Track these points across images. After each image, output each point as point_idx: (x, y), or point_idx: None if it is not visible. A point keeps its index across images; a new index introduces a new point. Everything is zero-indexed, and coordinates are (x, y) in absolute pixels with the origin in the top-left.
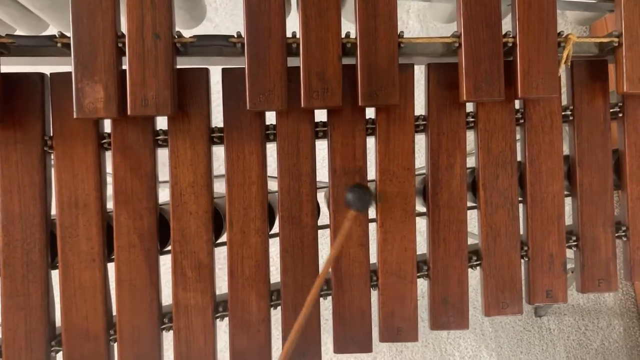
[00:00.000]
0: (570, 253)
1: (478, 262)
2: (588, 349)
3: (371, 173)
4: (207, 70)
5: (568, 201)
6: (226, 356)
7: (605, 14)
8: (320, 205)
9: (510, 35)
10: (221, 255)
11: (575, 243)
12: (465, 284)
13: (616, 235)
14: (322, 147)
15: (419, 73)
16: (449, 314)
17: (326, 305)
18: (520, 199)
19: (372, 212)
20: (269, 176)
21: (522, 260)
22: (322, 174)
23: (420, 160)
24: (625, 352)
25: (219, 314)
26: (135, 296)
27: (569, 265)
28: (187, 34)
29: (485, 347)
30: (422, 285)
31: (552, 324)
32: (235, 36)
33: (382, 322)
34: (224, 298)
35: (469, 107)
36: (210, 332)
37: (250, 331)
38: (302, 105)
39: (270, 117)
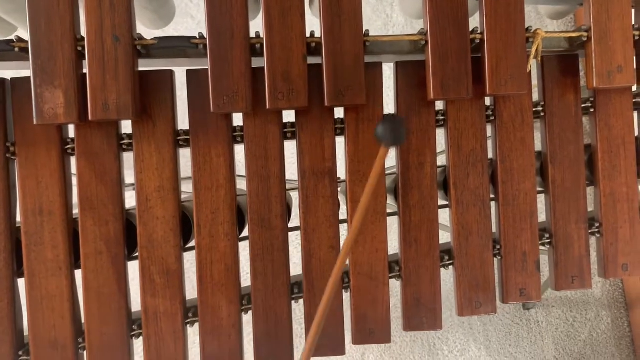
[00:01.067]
0: (543, 251)
1: (450, 262)
2: (576, 341)
3: (342, 174)
4: (171, 72)
5: (542, 198)
6: None
7: (576, 8)
8: (340, 202)
9: (478, 32)
10: (192, 259)
11: (548, 240)
12: (438, 284)
13: (590, 232)
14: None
15: (390, 71)
16: (422, 314)
17: (301, 308)
18: (492, 197)
19: (342, 213)
20: (239, 175)
21: (495, 259)
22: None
23: (392, 159)
24: (614, 343)
25: (189, 320)
26: (103, 304)
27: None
28: (157, 34)
29: (474, 341)
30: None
31: (540, 317)
32: (198, 37)
33: (354, 324)
34: (194, 303)
35: (439, 105)
36: (181, 338)
37: (221, 337)
38: (268, 106)
39: (238, 119)
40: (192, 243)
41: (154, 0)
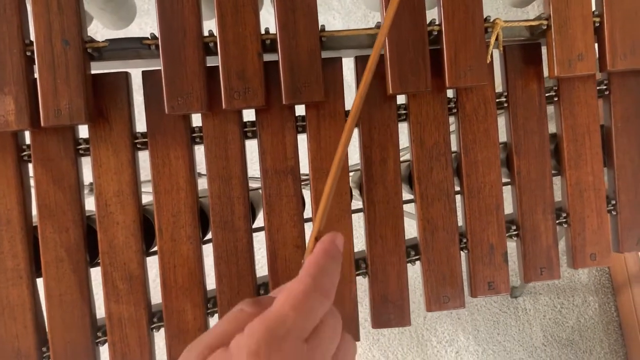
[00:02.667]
0: (511, 243)
1: (417, 257)
2: (564, 327)
3: (305, 171)
4: (126, 74)
5: (508, 190)
6: None
7: None
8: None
9: (436, 23)
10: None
11: (515, 232)
12: (405, 280)
13: (557, 222)
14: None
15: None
16: (390, 311)
17: None
18: (458, 190)
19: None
20: (199, 173)
21: (462, 253)
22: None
23: (355, 155)
24: (601, 328)
25: (154, 325)
26: (66, 311)
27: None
28: (119, 34)
29: (462, 330)
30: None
31: (527, 304)
32: (149, 38)
33: None
34: (159, 308)
35: (401, 99)
36: (146, 343)
37: (187, 341)
38: (224, 106)
39: (197, 119)
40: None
41: (110, 2)
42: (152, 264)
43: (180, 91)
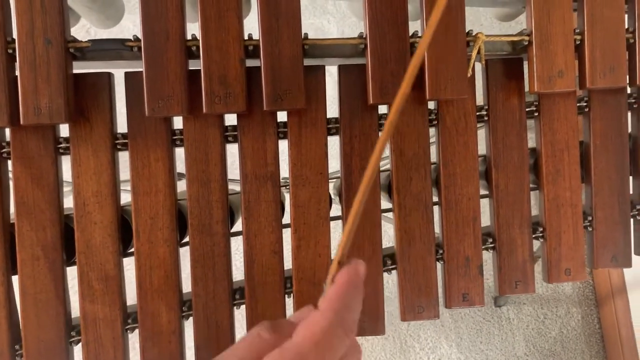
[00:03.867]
0: (488, 255)
1: (393, 267)
2: (547, 337)
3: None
4: (109, 75)
5: (487, 202)
6: None
7: (522, 11)
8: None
9: (418, 35)
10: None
11: (492, 245)
12: (380, 289)
13: (533, 236)
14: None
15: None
16: (364, 319)
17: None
18: (437, 201)
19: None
20: (180, 174)
21: (439, 264)
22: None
23: (337, 164)
24: (584, 340)
25: (128, 326)
26: (41, 310)
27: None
28: (105, 33)
29: (445, 338)
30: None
31: (511, 314)
32: (132, 39)
33: None
34: (135, 309)
35: (382, 108)
36: (120, 344)
37: (161, 343)
38: (204, 110)
39: (179, 122)
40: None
41: (97, 0)
42: (131, 265)
43: (161, 94)
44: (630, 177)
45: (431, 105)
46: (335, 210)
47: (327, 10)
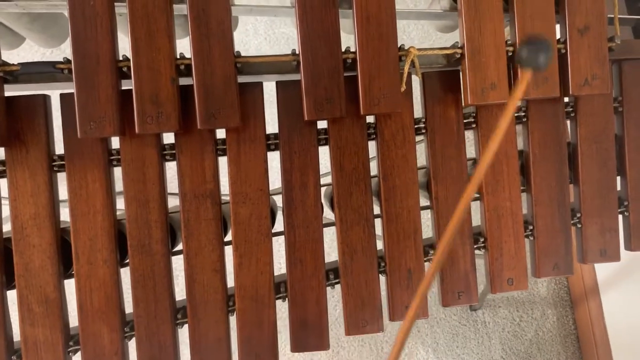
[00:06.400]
0: None
1: (337, 281)
2: (523, 340)
3: (225, 195)
4: (44, 97)
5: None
6: None
7: None
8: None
9: (351, 50)
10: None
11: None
12: (324, 304)
13: (475, 247)
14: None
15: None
16: (308, 335)
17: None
18: (379, 214)
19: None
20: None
21: (382, 277)
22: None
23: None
24: (559, 341)
25: (70, 349)
26: None
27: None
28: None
29: (422, 343)
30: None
31: (487, 317)
32: (63, 62)
33: (239, 348)
34: (78, 331)
35: (322, 123)
36: None
37: None
38: (137, 131)
39: (117, 141)
40: None
41: (36, 21)
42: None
43: (93, 115)
44: (571, 185)
45: (371, 118)
46: (278, 226)
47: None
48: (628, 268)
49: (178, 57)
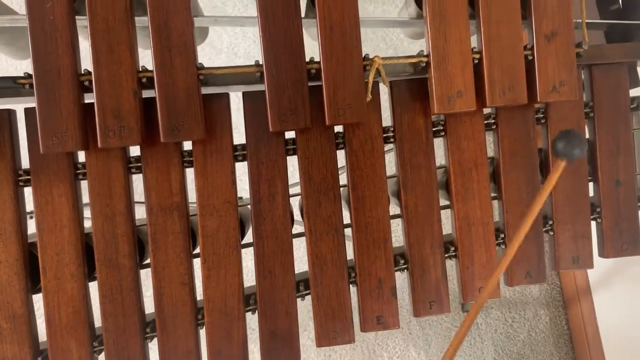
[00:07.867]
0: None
1: (307, 292)
2: (515, 341)
3: (194, 207)
4: (9, 112)
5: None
6: None
7: None
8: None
9: (315, 61)
10: None
11: (404, 266)
12: (294, 315)
13: (446, 255)
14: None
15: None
16: (279, 347)
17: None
18: (349, 223)
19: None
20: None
21: (352, 287)
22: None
23: (246, 189)
24: (552, 342)
25: None
26: None
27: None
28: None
29: (414, 345)
30: None
31: (479, 319)
32: (24, 76)
33: None
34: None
35: (289, 133)
36: None
37: None
38: (99, 145)
39: (82, 155)
40: None
41: (3, 34)
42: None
43: (55, 130)
44: None
45: (339, 128)
46: (248, 238)
47: None
48: (620, 268)
49: (140, 69)
